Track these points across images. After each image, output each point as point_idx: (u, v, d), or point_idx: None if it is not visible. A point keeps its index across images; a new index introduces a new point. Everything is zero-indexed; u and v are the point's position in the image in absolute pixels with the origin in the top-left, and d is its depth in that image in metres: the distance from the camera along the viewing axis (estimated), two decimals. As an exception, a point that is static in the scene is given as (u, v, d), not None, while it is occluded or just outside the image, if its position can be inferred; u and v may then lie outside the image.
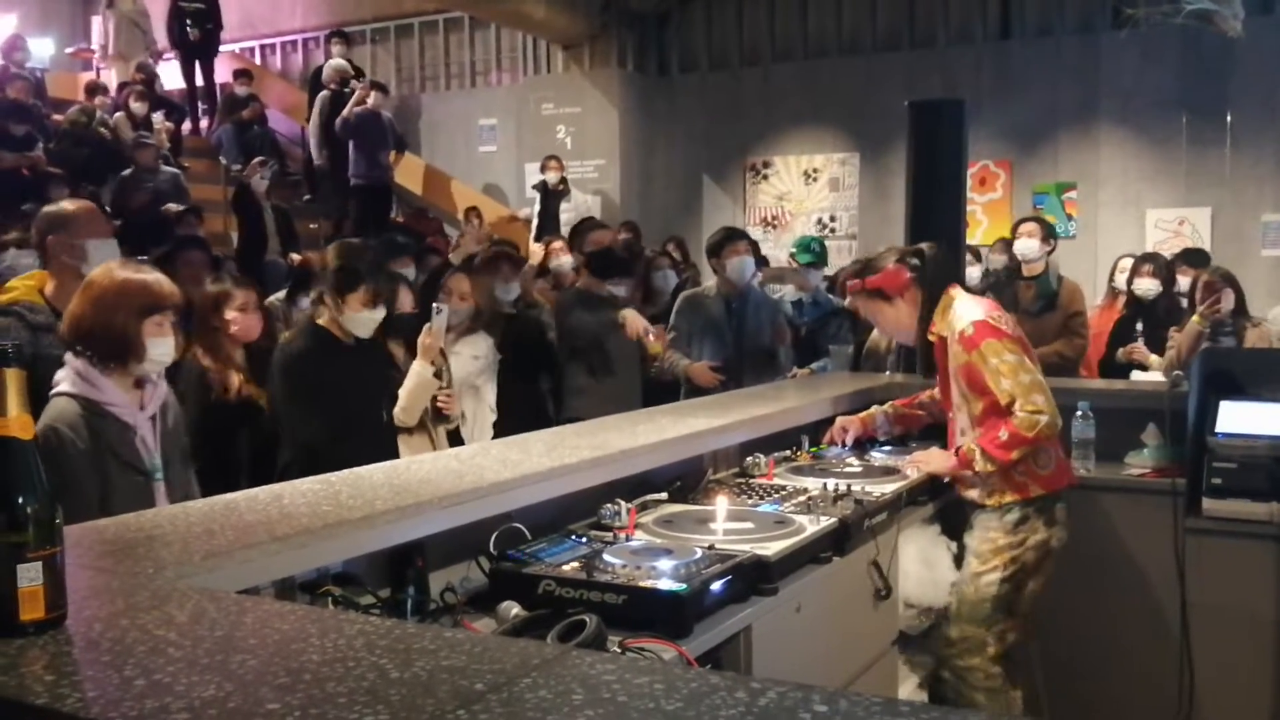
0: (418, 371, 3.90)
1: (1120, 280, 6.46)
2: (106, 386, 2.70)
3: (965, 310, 3.32)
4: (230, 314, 3.99)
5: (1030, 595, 3.33)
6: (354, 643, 1.32)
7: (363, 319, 3.55)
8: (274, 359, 3.64)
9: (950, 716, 1.11)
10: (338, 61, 11.75)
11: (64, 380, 2.70)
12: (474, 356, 4.72)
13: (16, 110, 9.68)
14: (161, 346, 2.77)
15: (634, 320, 5.16)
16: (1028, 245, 5.82)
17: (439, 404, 4.08)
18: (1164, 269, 6.10)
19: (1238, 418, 3.63)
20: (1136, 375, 5.62)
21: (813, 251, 6.32)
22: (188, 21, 12.28)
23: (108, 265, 2.85)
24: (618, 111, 11.72)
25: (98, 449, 2.65)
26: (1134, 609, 3.77)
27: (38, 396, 2.72)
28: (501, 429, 4.61)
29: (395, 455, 3.64)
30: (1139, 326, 5.83)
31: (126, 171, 9.38)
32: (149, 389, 2.82)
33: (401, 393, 3.89)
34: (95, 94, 11.06)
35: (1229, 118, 9.47)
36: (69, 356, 2.74)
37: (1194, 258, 6.92)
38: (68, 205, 3.57)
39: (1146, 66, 9.75)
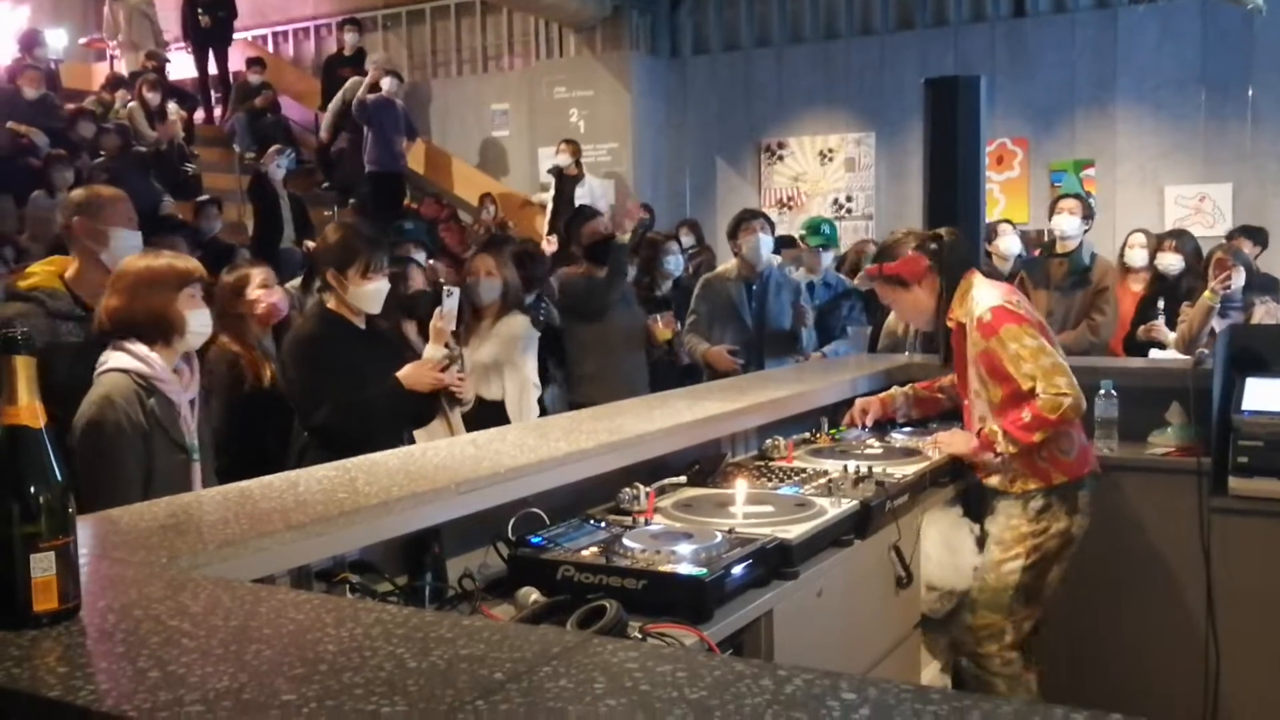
0: (430, 355, 3.88)
1: (1130, 256, 6.37)
2: (157, 364, 2.82)
3: (983, 296, 3.27)
4: (254, 294, 3.89)
5: (1052, 582, 3.31)
6: (371, 631, 1.30)
7: (367, 292, 3.50)
8: (284, 344, 3.61)
9: (981, 704, 1.08)
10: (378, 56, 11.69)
11: (113, 359, 2.81)
12: (513, 336, 4.72)
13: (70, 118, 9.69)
14: (200, 317, 2.92)
15: (660, 328, 5.23)
16: (1069, 222, 5.75)
17: (453, 387, 4.07)
18: (1188, 245, 6.02)
19: (1263, 395, 3.58)
20: (1155, 354, 5.55)
21: (823, 234, 6.25)
22: (199, 9, 12.26)
23: (129, 259, 2.97)
24: (630, 94, 11.66)
25: (148, 424, 2.77)
26: (1158, 590, 3.73)
27: (57, 382, 2.78)
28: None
29: (410, 438, 3.63)
30: (1160, 304, 5.76)
31: (97, 159, 9.30)
32: (186, 373, 2.94)
33: None
34: (117, 88, 11.07)
35: (1250, 92, 9.36)
36: (114, 345, 2.84)
37: (1255, 235, 6.90)
38: (102, 190, 3.55)
39: (1165, 41, 9.64)
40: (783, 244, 7.29)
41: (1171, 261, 5.90)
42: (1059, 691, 3.56)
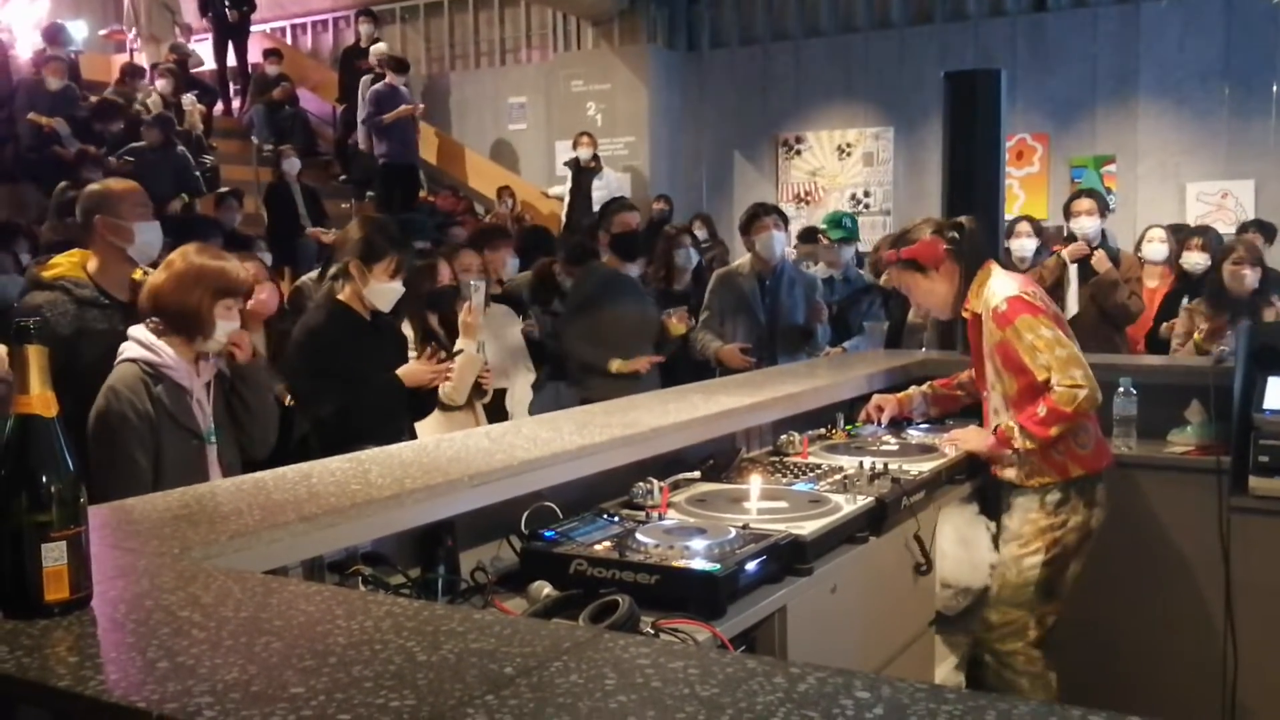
0: (463, 349, 3.90)
1: (1147, 250, 6.32)
2: (164, 350, 2.86)
3: (999, 287, 3.24)
4: None
5: (1071, 577, 3.28)
6: (381, 624, 1.29)
7: (385, 290, 3.53)
8: (293, 334, 3.63)
9: (997, 704, 1.07)
10: (381, 46, 11.72)
11: (126, 350, 2.87)
12: (511, 328, 4.74)
13: (105, 110, 9.65)
14: (227, 329, 2.95)
15: (675, 323, 5.21)
16: (1090, 223, 5.69)
17: (478, 379, 4.10)
18: (1213, 243, 5.96)
19: (1285, 394, 3.54)
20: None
21: (844, 227, 6.22)
22: (225, 3, 12.29)
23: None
24: (647, 88, 11.64)
25: (156, 412, 2.80)
26: (1177, 589, 3.70)
27: (82, 368, 2.96)
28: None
29: (414, 432, 3.64)
30: (1185, 302, 5.70)
31: (137, 144, 9.30)
32: (204, 359, 2.98)
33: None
34: (133, 77, 11.10)
35: (1274, 87, 9.28)
36: (138, 326, 2.90)
37: (1267, 230, 6.87)
38: (114, 184, 3.56)
39: (1188, 36, 9.56)
40: (803, 237, 7.27)
41: (1198, 260, 5.83)
42: (1077, 690, 3.54)
